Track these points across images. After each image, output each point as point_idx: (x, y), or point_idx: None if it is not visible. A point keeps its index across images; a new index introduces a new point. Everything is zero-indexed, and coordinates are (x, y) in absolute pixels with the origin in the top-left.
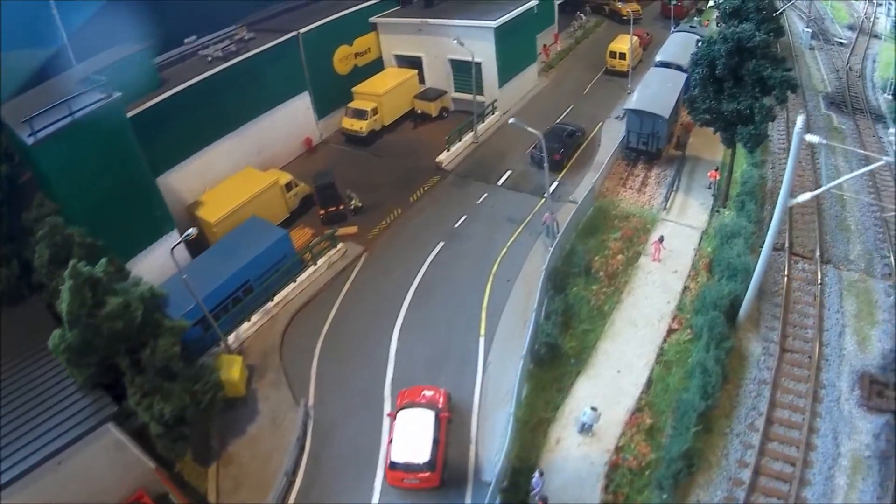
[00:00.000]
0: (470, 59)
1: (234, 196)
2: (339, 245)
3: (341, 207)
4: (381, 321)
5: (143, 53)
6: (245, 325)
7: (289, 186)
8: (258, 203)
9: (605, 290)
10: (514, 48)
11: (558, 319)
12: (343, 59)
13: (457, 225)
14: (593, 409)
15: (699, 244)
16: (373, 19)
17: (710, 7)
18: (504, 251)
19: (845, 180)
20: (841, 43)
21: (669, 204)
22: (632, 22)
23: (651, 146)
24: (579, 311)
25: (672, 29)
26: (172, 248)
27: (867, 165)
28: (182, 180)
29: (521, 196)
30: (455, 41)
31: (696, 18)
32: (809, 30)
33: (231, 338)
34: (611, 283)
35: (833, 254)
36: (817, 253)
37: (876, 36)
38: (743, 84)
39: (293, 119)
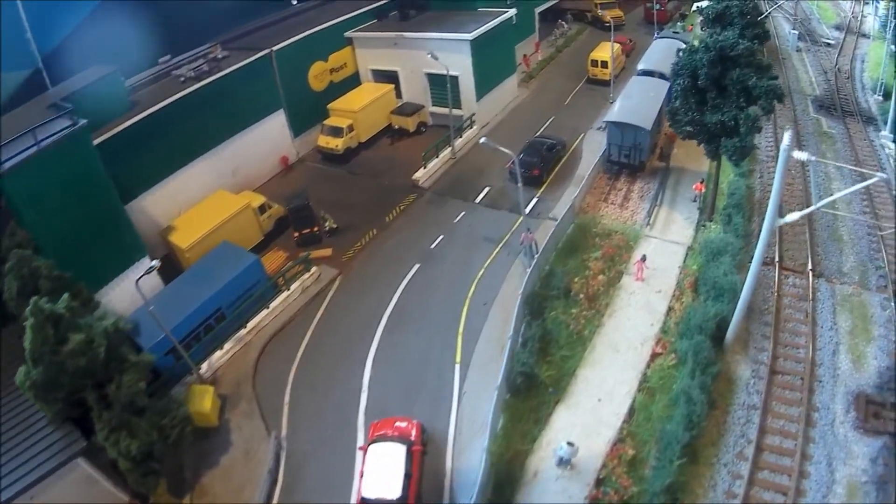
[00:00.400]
0: (446, 72)
1: (207, 220)
2: (313, 269)
3: (316, 229)
4: (355, 348)
5: (113, 76)
6: (218, 354)
7: (262, 209)
8: (231, 227)
9: (586, 313)
10: (492, 60)
11: (535, 347)
12: (318, 75)
13: (433, 246)
14: (570, 443)
15: (684, 261)
16: (348, 34)
17: (694, 11)
18: (481, 273)
19: (838, 198)
20: (828, 43)
21: (653, 219)
22: (612, 29)
23: (633, 159)
24: (558, 336)
25: (655, 35)
26: (137, 281)
27: (860, 175)
28: (156, 204)
29: (500, 214)
30: (429, 55)
31: (679, 24)
32: (796, 31)
33: (204, 366)
34: (591, 305)
35: (825, 267)
36: (809, 266)
37: (864, 35)
38: (727, 94)
39: (268, 138)
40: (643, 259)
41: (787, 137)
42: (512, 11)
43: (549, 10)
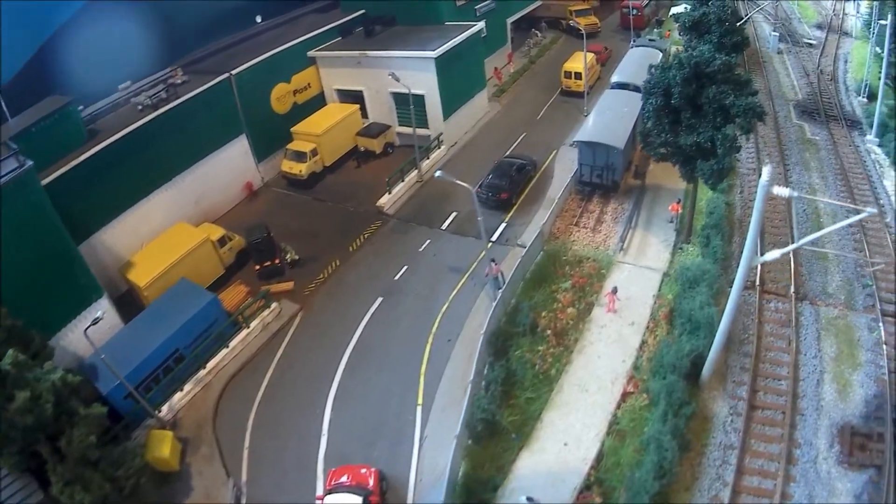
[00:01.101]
0: (413, 91)
1: (165, 256)
2: (273, 305)
3: (277, 262)
4: (315, 389)
5: (68, 109)
6: (178, 395)
7: (222, 241)
8: (190, 262)
9: (553, 350)
10: (460, 76)
11: (498, 390)
12: (281, 97)
13: (397, 277)
14: (529, 499)
15: (660, 289)
16: (311, 53)
17: (671, 16)
18: (445, 306)
19: (825, 233)
20: (810, 44)
21: (627, 244)
22: (585, 39)
23: (606, 179)
24: (522, 377)
25: (631, 43)
26: (85, 331)
27: (847, 190)
28: (117, 238)
29: (466, 241)
30: (390, 76)
31: (655, 30)
32: (776, 33)
33: (165, 408)
34: (559, 341)
35: (809, 288)
36: (792, 289)
37: (846, 33)
38: (702, 113)
39: (231, 165)
40: (614, 291)
41: (765, 173)
42: (480, 25)
43: (523, 19)
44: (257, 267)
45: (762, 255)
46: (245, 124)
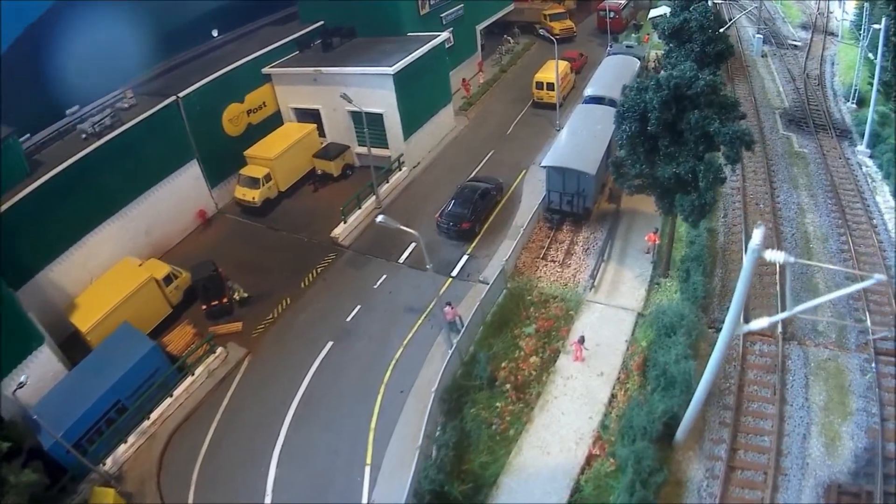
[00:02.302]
0: (371, 110)
1: (109, 297)
2: (219, 350)
3: (224, 301)
4: (260, 443)
5: (8, 141)
6: (123, 447)
7: (168, 279)
8: (135, 302)
9: (512, 407)
10: (423, 92)
11: (449, 455)
12: (234, 118)
13: (349, 318)
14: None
15: (633, 332)
16: (266, 70)
17: (651, 19)
18: (399, 352)
19: (823, 301)
20: (795, 45)
21: (598, 280)
22: (556, 46)
23: (577, 207)
24: (478, 439)
25: (607, 50)
26: (14, 392)
27: (838, 208)
28: (64, 275)
29: (425, 276)
30: (342, 97)
31: (633, 35)
32: (760, 35)
33: (109, 461)
34: (520, 396)
35: (798, 326)
36: (779, 328)
37: (832, 33)
38: (683, 141)
39: (182, 192)
40: (581, 341)
41: (757, 235)
42: (444, 35)
43: (496, 24)
44: (204, 307)
45: (747, 321)
46: (196, 149)
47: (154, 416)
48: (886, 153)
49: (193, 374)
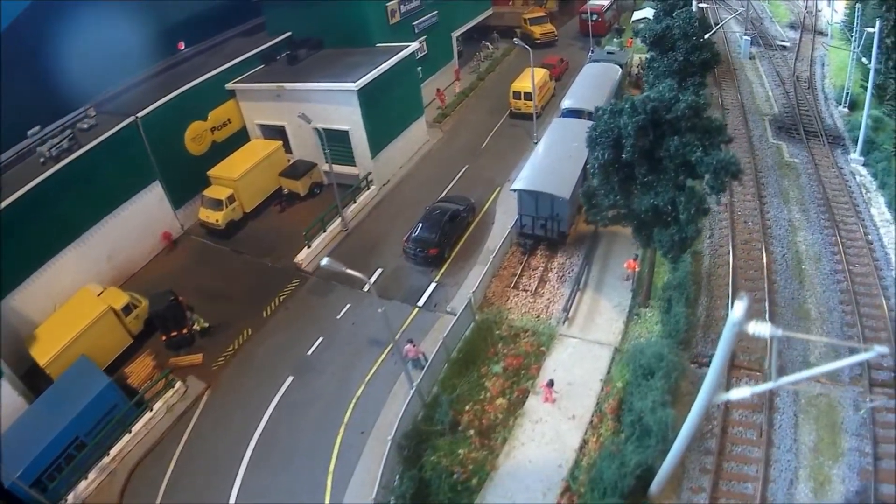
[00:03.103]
0: (337, 127)
1: (67, 328)
2: (178, 385)
3: (185, 331)
4: (219, 483)
5: None
6: (84, 484)
7: (127, 309)
8: (94, 334)
9: (476, 454)
10: (392, 106)
11: None
12: (197, 137)
13: (310, 351)
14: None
15: (609, 370)
16: (230, 86)
17: (633, 23)
18: (361, 389)
19: (817, 374)
20: (784, 46)
21: (573, 311)
22: (536, 51)
23: (551, 231)
24: (438, 489)
25: (588, 54)
26: None
27: (832, 225)
28: (26, 304)
29: (391, 305)
30: (300, 117)
31: (615, 40)
32: (748, 37)
33: (70, 497)
34: (484, 442)
35: (787, 357)
36: (767, 363)
37: (821, 32)
38: (662, 169)
39: (145, 214)
40: (550, 384)
41: (739, 307)
42: (414, 46)
43: (475, 29)
44: (164, 337)
45: (728, 390)
46: (158, 170)
47: (113, 452)
48: (881, 161)
49: (152, 410)
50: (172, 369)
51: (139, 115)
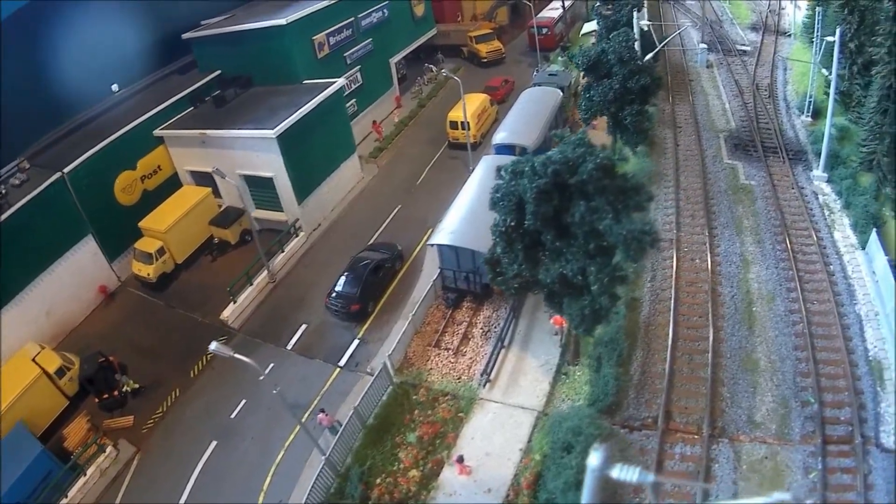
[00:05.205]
0: (260, 174)
1: (3, 395)
2: (108, 449)
3: (115, 394)
4: None
5: None
6: None
7: (60, 372)
8: (29, 399)
9: None
10: (317, 148)
11: None
12: (127, 187)
13: (234, 414)
14: None
15: (530, 439)
16: (157, 132)
17: (584, 34)
18: (281, 455)
19: None
20: (744, 51)
21: (495, 372)
22: (462, 88)
23: (474, 285)
24: None
25: (533, 74)
26: None
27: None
28: None
29: (313, 365)
30: (214, 172)
31: (560, 58)
32: (705, 45)
33: None
34: None
35: (730, 417)
36: (706, 422)
37: (784, 32)
38: (572, 235)
39: (80, 269)
40: (460, 460)
41: (595, 457)
42: (340, 82)
43: (420, 49)
44: (97, 400)
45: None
46: (90, 224)
47: None
48: (846, 178)
49: (86, 475)
50: (105, 432)
51: (65, 170)
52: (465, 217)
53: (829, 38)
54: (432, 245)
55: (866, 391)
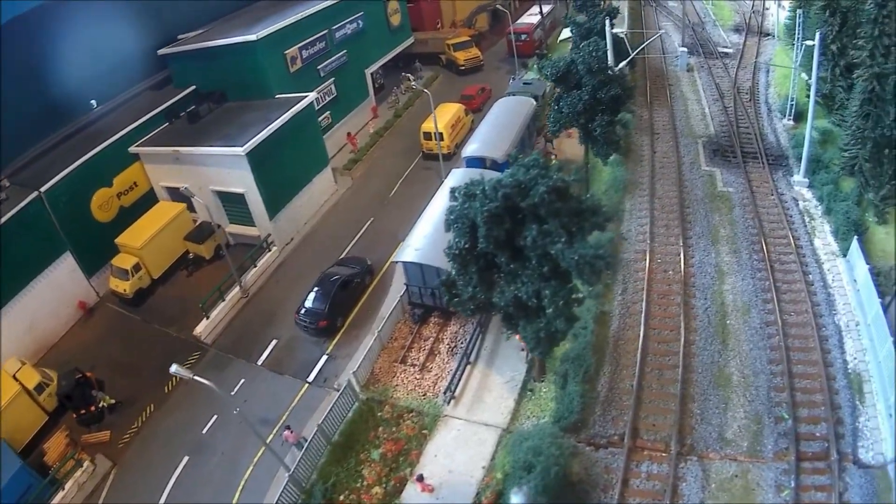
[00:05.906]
0: (232, 190)
1: None
2: (85, 464)
3: (92, 409)
4: None
5: None
6: None
7: (40, 388)
8: (10, 416)
9: None
10: (288, 163)
11: None
12: (103, 204)
13: (205, 430)
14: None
15: (493, 457)
16: (132, 149)
17: (563, 40)
18: (249, 471)
19: None
20: (726, 53)
21: (459, 389)
22: (432, 100)
23: (440, 301)
24: None
25: (510, 81)
26: None
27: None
28: None
29: (283, 381)
30: (184, 191)
31: (535, 65)
32: (685, 48)
33: None
34: None
35: (700, 434)
36: (674, 440)
37: (767, 34)
38: (525, 257)
39: (59, 286)
40: (420, 479)
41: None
42: (310, 97)
43: (398, 57)
44: (74, 415)
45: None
46: (68, 241)
47: None
48: (827, 184)
49: (64, 489)
50: (83, 447)
51: (42, 189)
52: (430, 234)
53: (809, 42)
54: (397, 262)
55: (844, 405)
